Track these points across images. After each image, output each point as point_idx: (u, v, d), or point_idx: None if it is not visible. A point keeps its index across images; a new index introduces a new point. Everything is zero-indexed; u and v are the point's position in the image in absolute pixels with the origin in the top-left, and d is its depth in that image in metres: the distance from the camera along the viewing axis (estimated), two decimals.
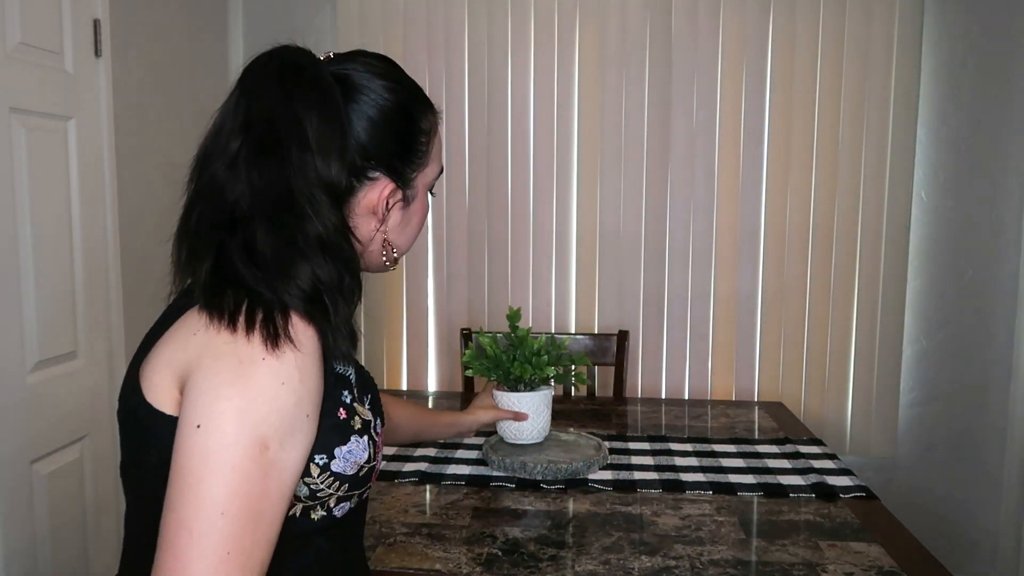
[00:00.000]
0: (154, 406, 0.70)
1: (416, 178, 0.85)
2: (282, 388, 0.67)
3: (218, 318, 0.69)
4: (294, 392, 0.67)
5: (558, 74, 2.50)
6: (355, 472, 0.77)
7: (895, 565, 1.13)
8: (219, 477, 0.63)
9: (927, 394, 2.51)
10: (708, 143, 2.48)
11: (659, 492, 1.41)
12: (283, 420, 0.66)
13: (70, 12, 1.72)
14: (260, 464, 0.64)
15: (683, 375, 2.55)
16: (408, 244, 0.90)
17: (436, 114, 0.89)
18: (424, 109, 0.86)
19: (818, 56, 2.42)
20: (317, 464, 0.73)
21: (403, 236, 0.87)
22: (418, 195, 0.87)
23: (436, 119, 0.88)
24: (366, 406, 0.80)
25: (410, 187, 0.84)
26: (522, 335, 1.55)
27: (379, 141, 0.80)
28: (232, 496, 0.63)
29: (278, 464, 0.66)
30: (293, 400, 0.67)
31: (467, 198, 2.56)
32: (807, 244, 2.47)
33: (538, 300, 2.57)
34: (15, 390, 1.57)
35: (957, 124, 2.41)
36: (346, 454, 0.76)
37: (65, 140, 1.73)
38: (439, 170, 0.90)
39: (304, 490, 0.74)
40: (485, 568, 1.12)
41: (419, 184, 0.86)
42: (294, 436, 0.68)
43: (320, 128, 0.74)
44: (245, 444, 0.64)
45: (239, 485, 0.63)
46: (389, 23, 2.53)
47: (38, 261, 1.63)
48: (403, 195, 0.84)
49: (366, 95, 0.80)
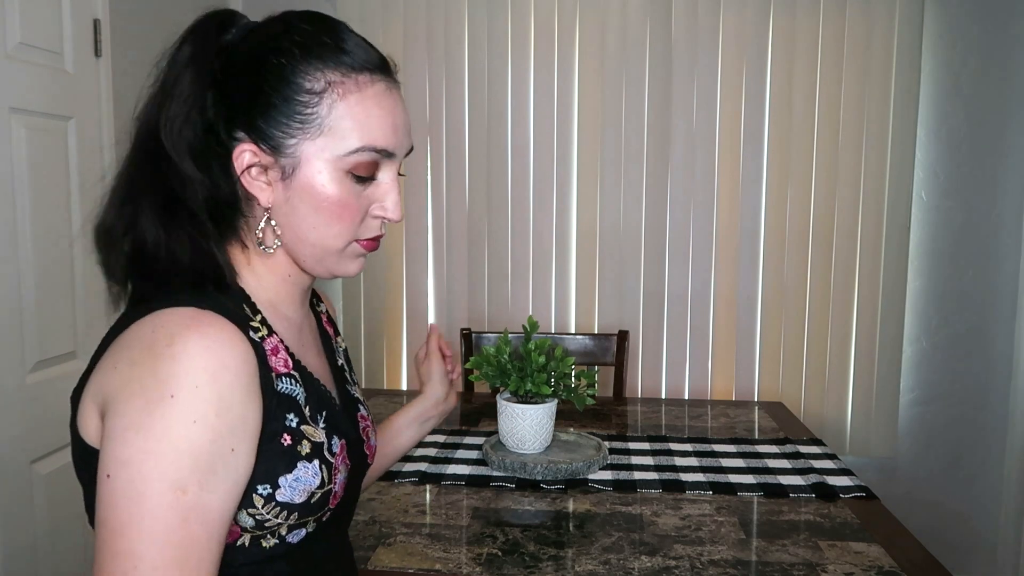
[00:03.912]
0: (84, 440, 0.67)
1: (296, 147, 0.70)
2: (194, 427, 0.61)
3: (132, 345, 0.64)
4: (210, 429, 0.61)
5: (558, 74, 2.50)
6: (305, 500, 0.71)
7: (895, 565, 1.13)
8: (134, 529, 0.59)
9: (927, 394, 2.51)
10: (708, 143, 2.48)
11: (659, 492, 1.41)
12: (198, 461, 0.61)
13: (70, 12, 1.72)
14: (177, 510, 0.60)
15: (683, 375, 2.55)
16: (310, 237, 0.73)
17: (352, 76, 0.71)
18: (313, 64, 0.70)
19: (818, 56, 2.42)
20: (260, 495, 0.68)
21: (294, 221, 0.72)
22: (308, 171, 0.70)
23: (346, 81, 0.71)
24: (319, 426, 0.74)
25: (285, 155, 0.70)
26: (528, 350, 1.54)
27: (238, 92, 0.70)
28: (150, 546, 0.59)
29: (200, 507, 0.61)
30: (208, 438, 0.61)
31: (467, 198, 2.56)
32: (807, 244, 2.47)
33: (538, 300, 2.57)
34: (15, 390, 1.57)
35: (957, 124, 2.41)
36: (292, 482, 0.69)
37: (65, 140, 1.73)
38: (360, 148, 0.71)
39: (249, 521, 0.68)
40: (485, 568, 1.12)
41: (304, 156, 0.70)
42: (216, 475, 0.62)
43: (187, 76, 0.70)
44: (158, 491, 0.59)
45: (157, 534, 0.59)
46: (389, 23, 2.53)
47: (38, 261, 1.63)
48: (278, 165, 0.70)
49: (243, 44, 0.72)
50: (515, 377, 1.52)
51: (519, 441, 1.53)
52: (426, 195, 2.58)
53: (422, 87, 2.53)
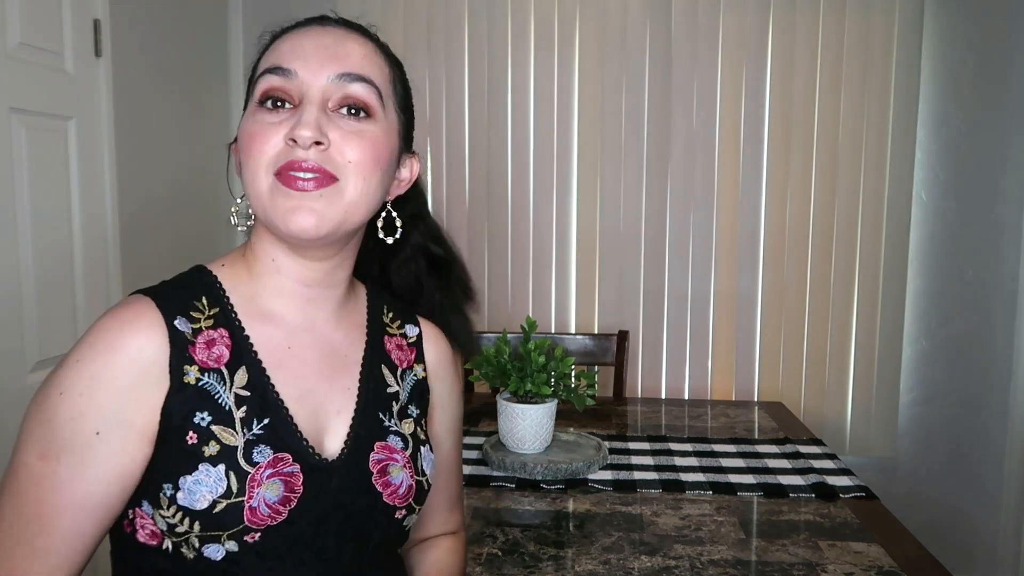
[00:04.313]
0: None
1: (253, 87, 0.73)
2: (59, 398, 0.63)
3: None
4: (72, 406, 0.63)
5: (558, 74, 2.50)
6: (207, 507, 0.65)
7: (895, 565, 1.13)
8: (4, 479, 0.65)
9: (927, 394, 2.51)
10: (708, 143, 2.48)
11: (659, 492, 1.41)
12: (57, 433, 0.63)
13: (70, 12, 1.72)
14: (32, 473, 0.63)
15: (683, 375, 2.55)
16: (246, 188, 0.71)
17: (283, 34, 0.74)
18: (269, 38, 0.75)
19: (818, 56, 2.42)
20: (166, 495, 0.65)
21: (242, 179, 0.72)
22: (250, 102, 0.73)
23: (277, 39, 0.74)
24: (244, 430, 0.68)
25: (251, 95, 0.73)
26: (527, 350, 1.54)
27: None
28: (6, 501, 0.64)
29: (52, 478, 0.63)
30: (68, 415, 0.63)
31: (467, 198, 2.56)
32: (807, 244, 2.47)
33: (538, 300, 2.57)
34: (15, 390, 1.57)
35: (957, 124, 2.41)
36: (192, 485, 0.65)
37: (65, 140, 1.72)
38: (262, 72, 0.72)
39: (162, 523, 0.66)
40: (485, 568, 1.12)
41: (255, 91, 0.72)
42: (74, 453, 0.63)
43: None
44: (23, 450, 0.64)
45: (12, 492, 0.64)
46: (389, 23, 2.53)
47: (38, 261, 1.63)
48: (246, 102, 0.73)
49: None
50: (515, 377, 1.52)
51: (519, 441, 1.53)
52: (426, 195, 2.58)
53: (422, 87, 2.53)
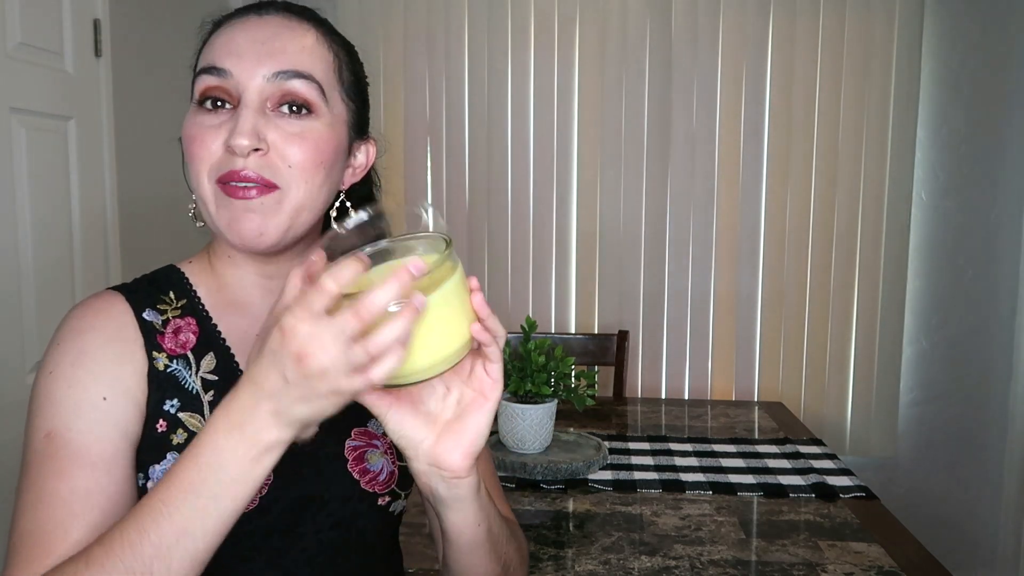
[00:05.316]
0: None
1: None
2: (49, 377, 0.66)
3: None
4: (64, 377, 0.65)
5: (558, 74, 2.50)
6: None
7: (895, 565, 1.13)
8: (22, 478, 0.63)
9: (927, 394, 2.51)
10: (708, 143, 2.48)
11: (659, 492, 1.41)
12: (59, 406, 0.64)
13: (70, 12, 1.72)
14: (47, 450, 0.63)
15: (683, 375, 2.55)
16: (192, 191, 0.69)
17: (219, 27, 0.73)
18: (208, 29, 0.74)
19: (818, 56, 2.42)
20: (138, 485, 0.66)
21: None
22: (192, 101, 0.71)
23: (211, 35, 0.73)
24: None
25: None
26: (527, 350, 1.54)
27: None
28: (27, 489, 0.62)
29: (72, 443, 0.62)
30: (65, 384, 0.65)
31: (467, 198, 2.56)
32: (807, 244, 2.47)
33: (538, 300, 2.57)
34: (15, 390, 1.57)
35: (957, 124, 2.41)
36: (160, 474, 0.65)
37: (65, 140, 1.72)
38: (198, 72, 0.72)
39: None
40: None
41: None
42: (81, 417, 0.63)
43: None
44: (31, 436, 0.65)
45: (33, 477, 0.63)
46: (389, 23, 2.53)
47: (38, 261, 1.63)
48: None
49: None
50: (515, 377, 1.52)
51: (519, 441, 1.53)
52: (426, 195, 2.58)
53: (422, 87, 2.53)
